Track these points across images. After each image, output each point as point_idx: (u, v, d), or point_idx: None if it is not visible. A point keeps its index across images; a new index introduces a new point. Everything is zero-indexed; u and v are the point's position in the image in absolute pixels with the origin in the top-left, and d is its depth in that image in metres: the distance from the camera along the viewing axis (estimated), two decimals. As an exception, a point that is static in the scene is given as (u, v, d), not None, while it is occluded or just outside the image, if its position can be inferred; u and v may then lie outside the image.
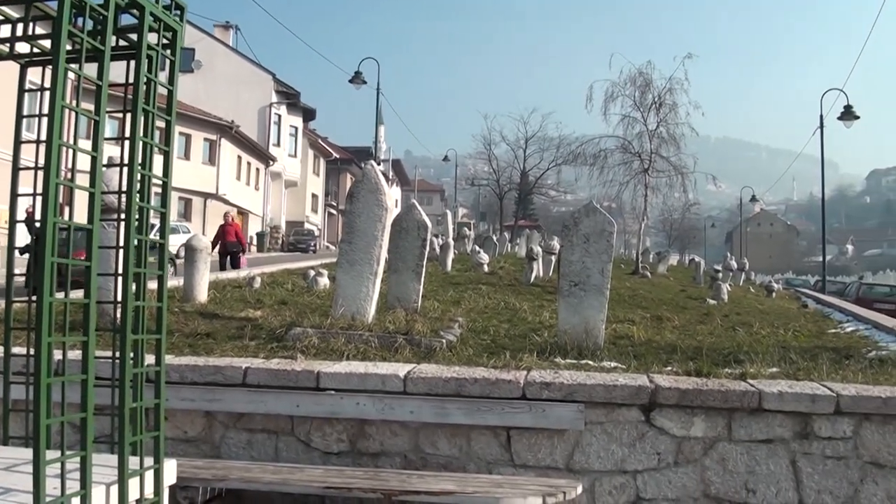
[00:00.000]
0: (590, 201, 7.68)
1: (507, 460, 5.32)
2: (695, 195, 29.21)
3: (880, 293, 30.25)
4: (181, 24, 2.66)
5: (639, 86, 23.83)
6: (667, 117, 23.77)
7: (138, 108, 2.46)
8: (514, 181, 49.80)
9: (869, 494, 5.18)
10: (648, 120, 23.77)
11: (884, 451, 5.20)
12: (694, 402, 5.21)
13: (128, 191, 2.44)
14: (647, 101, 23.79)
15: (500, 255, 25.56)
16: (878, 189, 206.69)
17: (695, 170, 25.19)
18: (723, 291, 15.54)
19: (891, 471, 5.19)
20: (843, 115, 28.71)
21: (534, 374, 5.43)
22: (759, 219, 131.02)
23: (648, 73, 23.84)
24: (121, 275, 2.47)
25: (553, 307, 8.77)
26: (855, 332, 10.50)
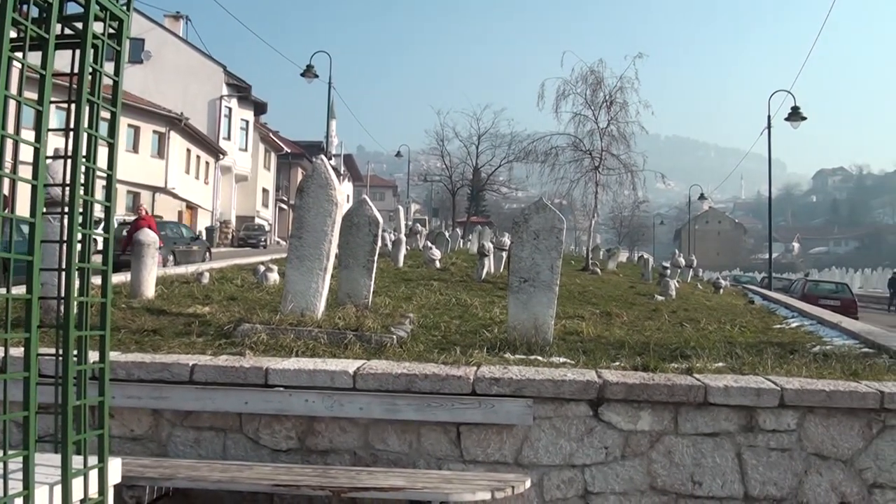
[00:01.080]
0: (540, 198, 7.72)
1: (456, 456, 5.34)
2: (644, 193, 29.59)
3: (825, 290, 30.91)
4: (128, 14, 2.61)
5: (590, 84, 24.01)
6: (617, 116, 23.98)
7: (83, 98, 2.42)
8: (466, 177, 49.85)
9: (813, 485, 5.31)
10: (599, 118, 23.97)
11: (827, 443, 5.33)
12: (641, 396, 5.28)
13: (71, 183, 2.39)
14: (599, 100, 23.97)
15: (452, 252, 25.62)
16: (824, 188, 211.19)
17: (644, 168, 25.48)
18: (671, 288, 15.73)
19: (834, 462, 5.32)
20: (790, 116, 29.19)
21: (483, 370, 5.46)
22: (708, 216, 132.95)
23: (600, 71, 24.04)
24: (64, 270, 2.43)
25: (504, 303, 8.81)
26: (800, 327, 10.70)
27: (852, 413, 5.35)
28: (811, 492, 5.31)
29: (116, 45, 2.62)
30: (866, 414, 5.35)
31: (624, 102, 23.90)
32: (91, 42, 2.44)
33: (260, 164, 54.76)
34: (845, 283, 39.01)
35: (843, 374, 5.97)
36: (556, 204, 28.61)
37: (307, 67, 31.79)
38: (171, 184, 39.67)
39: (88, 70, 2.45)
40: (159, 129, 39.04)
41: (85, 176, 2.44)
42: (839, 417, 5.35)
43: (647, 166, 25.59)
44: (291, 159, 62.02)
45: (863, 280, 69.94)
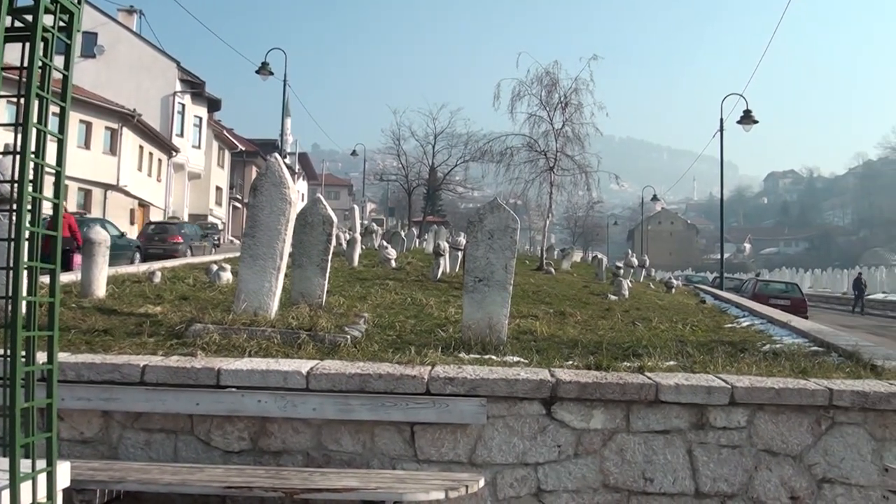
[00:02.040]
0: (494, 198, 7.75)
1: (410, 456, 5.34)
2: (598, 194, 29.80)
3: (775, 289, 31.38)
4: (79, 7, 2.57)
5: (545, 85, 24.09)
6: (572, 117, 24.09)
7: (32, 93, 2.37)
8: (422, 177, 49.81)
9: (763, 481, 5.41)
10: (554, 119, 24.06)
11: (777, 439, 5.43)
12: (594, 395, 5.33)
13: (20, 180, 2.35)
14: (554, 101, 24.07)
15: (407, 251, 25.60)
16: (774, 190, 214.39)
17: (598, 169, 25.62)
18: (624, 287, 15.87)
19: (784, 458, 5.43)
20: (742, 120, 29.62)
21: (438, 370, 5.47)
22: (661, 217, 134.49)
23: (555, 73, 24.14)
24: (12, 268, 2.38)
25: (459, 303, 8.83)
26: (750, 326, 10.87)
27: (801, 410, 5.45)
28: (761, 487, 5.41)
29: (67, 38, 2.58)
30: (815, 411, 5.46)
31: (579, 104, 24.04)
32: (41, 35, 2.40)
33: (213, 162, 54.11)
34: (795, 283, 39.70)
35: (792, 373, 6.10)
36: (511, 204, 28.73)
37: (262, 65, 31.56)
38: (123, 181, 39.02)
39: (38, 64, 2.41)
40: (112, 125, 38.39)
41: (34, 172, 2.40)
42: (788, 414, 5.46)
43: (601, 167, 25.78)
44: (246, 157, 61.38)
45: (813, 280, 71.17)
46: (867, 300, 39.52)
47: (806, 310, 27.16)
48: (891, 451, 5.44)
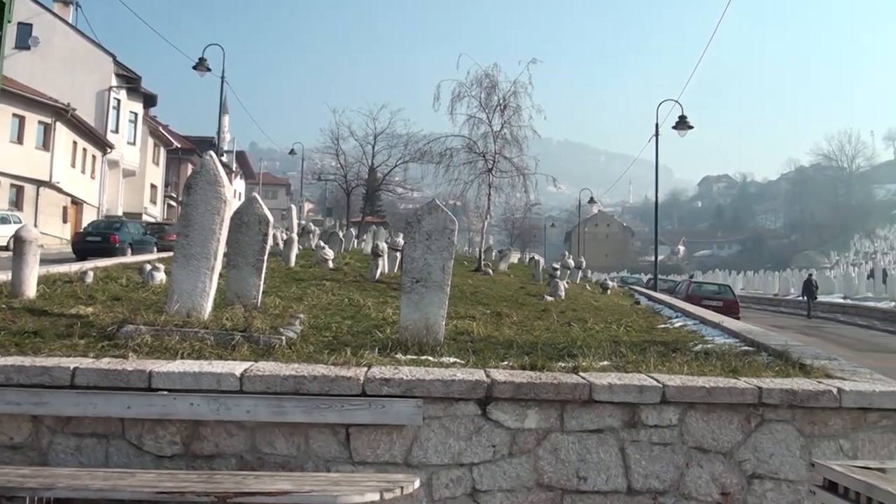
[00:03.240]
0: (432, 199, 7.74)
1: (345, 458, 5.30)
2: (536, 196, 29.93)
3: (708, 291, 31.98)
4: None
5: (485, 87, 24.20)
6: (511, 119, 24.25)
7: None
8: (361, 177, 49.62)
9: (694, 477, 5.50)
10: (493, 121, 24.19)
11: (708, 436, 5.53)
12: (528, 395, 5.37)
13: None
14: (493, 103, 24.19)
15: (345, 251, 25.45)
16: (708, 194, 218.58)
17: (536, 171, 25.77)
18: (560, 289, 16.01)
19: (715, 455, 5.53)
20: (677, 125, 30.16)
21: (374, 371, 5.45)
22: (597, 219, 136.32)
23: (494, 75, 24.26)
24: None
25: (397, 303, 8.79)
26: (683, 327, 11.05)
27: (732, 408, 5.56)
28: (692, 484, 5.50)
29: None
30: (745, 409, 5.57)
31: (517, 106, 24.22)
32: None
33: (149, 159, 53.19)
34: (728, 284, 40.57)
35: (723, 371, 6.22)
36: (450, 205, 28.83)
37: (199, 60, 31.22)
38: (56, 177, 38.09)
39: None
40: (45, 119, 37.47)
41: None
42: (719, 412, 5.56)
43: (539, 169, 25.94)
44: (182, 154, 60.45)
45: (745, 282, 72.79)
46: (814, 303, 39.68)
47: (738, 311, 27.73)
48: (819, 446, 5.58)
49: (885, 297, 45.02)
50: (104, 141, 44.62)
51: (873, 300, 44.13)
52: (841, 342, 24.28)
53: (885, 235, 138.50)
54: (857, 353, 20.29)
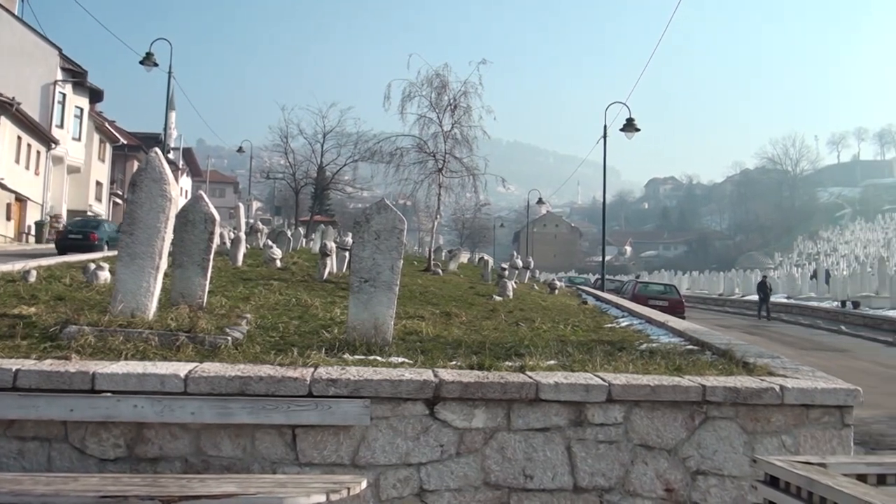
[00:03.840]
0: (382, 198, 7.72)
1: (292, 459, 5.26)
2: (486, 196, 30.03)
3: (654, 291, 32.38)
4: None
5: (435, 87, 24.18)
6: (461, 119, 24.26)
7: None
8: (310, 175, 49.42)
9: (639, 474, 5.57)
10: (444, 121, 24.18)
11: (652, 434, 5.61)
12: (476, 394, 5.38)
13: None
14: (443, 103, 24.18)
15: (294, 251, 25.27)
16: (655, 196, 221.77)
17: (486, 171, 25.85)
18: (508, 289, 16.10)
19: (659, 452, 5.61)
20: (625, 127, 30.51)
21: (321, 371, 5.41)
22: (546, 220, 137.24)
23: (445, 75, 24.25)
24: None
25: (345, 303, 8.77)
26: (629, 326, 11.19)
27: (676, 406, 5.64)
28: (637, 480, 5.57)
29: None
30: (689, 406, 5.65)
31: (468, 107, 24.24)
32: None
33: (94, 156, 52.09)
34: (673, 284, 41.10)
35: (667, 370, 6.31)
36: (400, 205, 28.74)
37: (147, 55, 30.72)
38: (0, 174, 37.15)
39: None
40: (-11, 113, 36.48)
41: None
42: (664, 410, 5.63)
43: (488, 170, 26.00)
44: (128, 151, 59.23)
45: (690, 282, 73.84)
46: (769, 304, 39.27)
47: (683, 310, 28.13)
48: (762, 443, 5.69)
49: (827, 297, 46.04)
50: (49, 136, 43.46)
51: (816, 300, 45.10)
52: (784, 341, 24.74)
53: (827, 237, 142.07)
54: (801, 351, 20.72)
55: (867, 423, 11.17)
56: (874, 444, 10.14)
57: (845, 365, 18.16)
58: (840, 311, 36.28)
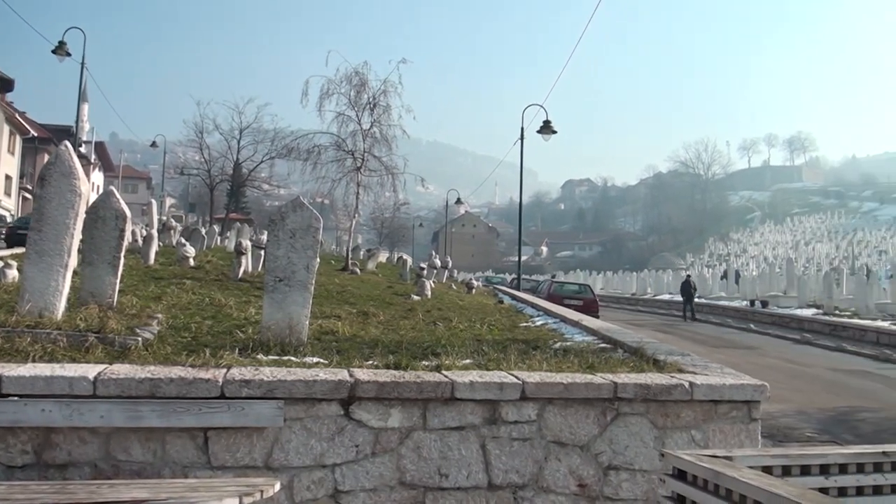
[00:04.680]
0: (297, 196, 7.65)
1: (204, 462, 5.17)
2: (405, 195, 30.07)
3: (569, 290, 32.76)
4: None
5: (354, 85, 24.12)
6: (380, 118, 24.28)
7: None
8: (226, 172, 48.68)
9: (552, 471, 5.65)
10: (363, 119, 24.15)
11: (565, 431, 5.70)
12: (391, 394, 5.38)
13: None
14: (362, 101, 24.15)
15: (208, 249, 24.89)
16: (571, 197, 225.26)
17: (405, 171, 25.90)
18: (427, 288, 16.16)
19: (572, 448, 5.71)
20: (542, 129, 30.74)
21: (234, 372, 5.32)
22: (464, 220, 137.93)
23: (364, 73, 24.22)
24: None
25: (260, 303, 8.64)
26: (544, 325, 11.34)
27: (588, 403, 5.75)
28: (551, 477, 5.65)
29: None
30: (601, 403, 5.77)
31: (387, 106, 24.28)
32: None
33: (3, 148, 50.28)
34: (588, 284, 41.69)
35: (580, 368, 6.41)
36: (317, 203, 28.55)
37: (59, 44, 29.73)
38: None
39: None
40: None
41: None
42: (576, 407, 5.73)
43: (407, 169, 26.07)
44: (38, 144, 57.21)
45: (604, 282, 75.09)
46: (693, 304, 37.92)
47: (597, 310, 28.54)
48: (672, 438, 5.85)
49: (737, 296, 47.38)
50: (-46, 127, 41.85)
51: (726, 299, 46.34)
52: (695, 339, 25.34)
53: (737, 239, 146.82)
54: (710, 349, 21.25)
55: (775, 418, 11.54)
56: (782, 437, 10.48)
57: (754, 362, 18.71)
58: (749, 310, 37.38)
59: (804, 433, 10.92)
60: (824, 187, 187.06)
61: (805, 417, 12.11)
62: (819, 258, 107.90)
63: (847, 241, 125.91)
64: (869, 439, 10.20)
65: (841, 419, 12.25)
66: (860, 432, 11.20)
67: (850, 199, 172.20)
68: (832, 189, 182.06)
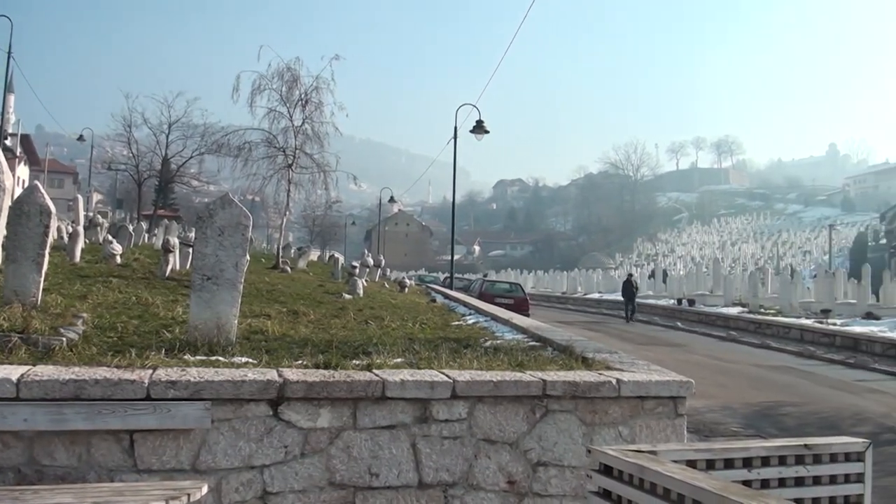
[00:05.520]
0: (226, 193, 7.56)
1: (130, 466, 5.06)
2: (337, 193, 29.91)
3: (501, 289, 33.03)
4: None
5: (286, 81, 23.94)
6: (312, 115, 24.15)
7: None
8: (154, 168, 47.78)
9: (482, 468, 5.70)
10: (294, 116, 23.99)
11: (495, 428, 5.75)
12: (321, 393, 5.35)
13: None
14: (294, 98, 23.99)
15: (135, 247, 24.36)
16: (503, 197, 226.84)
17: (338, 168, 25.80)
18: (359, 287, 16.12)
19: (501, 446, 5.76)
20: (475, 129, 30.86)
21: (160, 373, 5.23)
22: (397, 219, 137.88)
23: (297, 69, 24.06)
24: None
25: (187, 302, 8.52)
26: (476, 324, 11.42)
27: (518, 400, 5.80)
28: (481, 474, 5.69)
29: None
30: (530, 400, 5.83)
31: (319, 102, 24.16)
32: None
33: (-81, 142, 48.61)
34: (519, 283, 42.08)
35: (510, 366, 6.47)
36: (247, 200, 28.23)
37: (-16, 33, 28.84)
38: None
39: None
40: None
41: None
42: (506, 405, 5.78)
43: (340, 167, 25.98)
44: (-41, 137, 55.61)
45: (535, 281, 75.99)
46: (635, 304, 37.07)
47: (528, 308, 28.83)
48: (600, 434, 5.95)
49: (664, 295, 48.41)
50: None
51: (654, 298, 47.31)
52: (623, 337, 25.79)
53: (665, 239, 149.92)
54: (638, 346, 21.65)
55: (701, 413, 11.82)
56: (708, 431, 10.75)
57: (681, 359, 19.13)
58: (677, 309, 38.20)
59: (729, 428, 11.21)
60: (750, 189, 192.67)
61: (730, 412, 12.43)
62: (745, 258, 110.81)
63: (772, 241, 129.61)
64: (793, 433, 10.54)
65: (765, 414, 12.61)
66: (784, 426, 11.54)
67: (776, 201, 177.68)
68: (758, 191, 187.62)
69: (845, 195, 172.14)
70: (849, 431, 10.49)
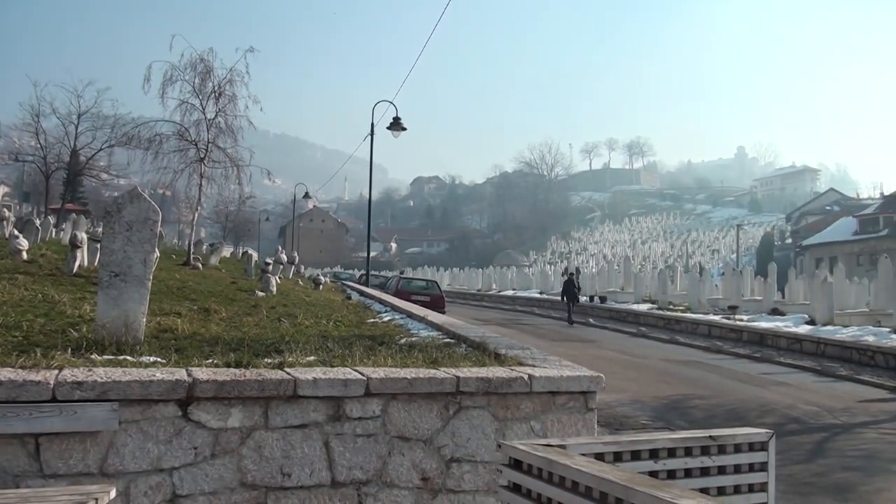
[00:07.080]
0: (134, 187, 7.38)
1: (36, 471, 4.89)
2: (250, 188, 29.57)
3: (417, 287, 33.11)
4: None
5: (199, 72, 23.51)
6: (226, 108, 23.77)
7: None
8: (63, 160, 46.40)
9: (396, 466, 5.70)
10: (207, 109, 23.59)
11: (409, 426, 5.76)
12: (232, 393, 5.27)
13: None
14: (207, 90, 23.57)
15: (42, 242, 23.59)
16: (420, 194, 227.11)
17: (251, 163, 25.43)
18: (272, 284, 15.95)
19: (415, 443, 5.77)
20: (391, 126, 30.82)
21: (66, 373, 5.08)
22: (312, 215, 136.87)
23: (210, 60, 23.65)
24: None
25: (95, 299, 8.32)
26: (391, 321, 11.43)
27: (432, 397, 5.82)
28: (394, 472, 5.70)
29: None
30: (444, 397, 5.85)
31: (233, 95, 23.79)
32: None
33: None
34: (435, 280, 42.23)
35: (424, 363, 6.50)
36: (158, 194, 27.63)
37: None
38: None
39: None
40: None
41: None
42: (420, 402, 5.80)
43: (254, 162, 25.60)
44: None
45: (451, 278, 76.21)
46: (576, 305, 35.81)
47: (444, 305, 28.99)
48: (512, 429, 6.01)
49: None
50: None
51: (565, 295, 47.93)
52: (536, 333, 26.12)
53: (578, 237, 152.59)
54: (551, 342, 21.98)
55: (612, 407, 12.07)
56: (618, 425, 10.98)
57: (592, 354, 19.50)
58: (589, 306, 38.87)
59: (639, 421, 11.48)
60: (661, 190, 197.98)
61: (640, 406, 12.72)
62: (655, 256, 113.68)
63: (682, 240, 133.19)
64: (701, 424, 10.85)
65: (674, 406, 12.95)
66: (692, 418, 11.87)
67: (685, 201, 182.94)
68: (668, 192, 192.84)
69: (752, 196, 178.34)
70: (755, 422, 10.88)
